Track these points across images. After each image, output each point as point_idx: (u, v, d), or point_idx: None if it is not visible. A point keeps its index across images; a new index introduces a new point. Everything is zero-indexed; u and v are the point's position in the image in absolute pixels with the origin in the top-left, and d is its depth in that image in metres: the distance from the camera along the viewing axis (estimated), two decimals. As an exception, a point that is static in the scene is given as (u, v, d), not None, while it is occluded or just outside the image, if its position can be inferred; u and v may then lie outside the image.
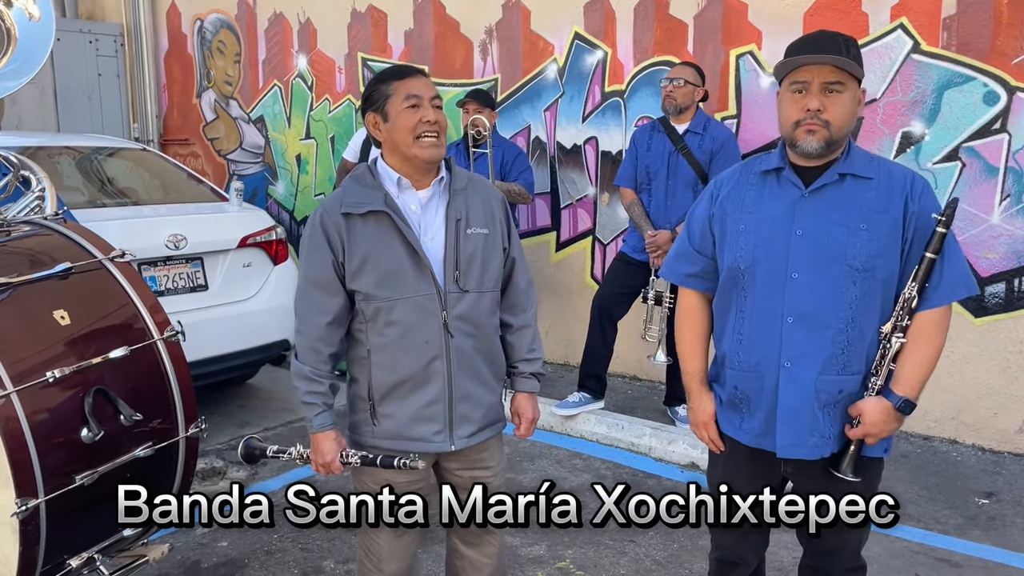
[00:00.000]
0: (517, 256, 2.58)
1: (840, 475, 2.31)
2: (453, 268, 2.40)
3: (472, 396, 2.48)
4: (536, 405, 2.68)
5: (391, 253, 2.36)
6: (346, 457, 2.41)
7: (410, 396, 2.43)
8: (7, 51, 2.81)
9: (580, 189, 6.23)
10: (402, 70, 2.44)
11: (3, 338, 2.21)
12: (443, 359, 2.41)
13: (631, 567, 3.60)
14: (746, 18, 5.34)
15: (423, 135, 2.35)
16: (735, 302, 2.38)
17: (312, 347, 2.42)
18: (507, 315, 2.60)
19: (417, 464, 2.33)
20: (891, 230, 2.24)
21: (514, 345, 2.62)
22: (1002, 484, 4.44)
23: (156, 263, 4.84)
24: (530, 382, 2.65)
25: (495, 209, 2.51)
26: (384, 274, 2.36)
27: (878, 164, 2.31)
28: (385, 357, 2.42)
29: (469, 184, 2.50)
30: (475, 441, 2.52)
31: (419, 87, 2.38)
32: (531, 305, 2.63)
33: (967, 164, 4.76)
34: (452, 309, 2.40)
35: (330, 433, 2.43)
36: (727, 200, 2.39)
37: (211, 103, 8.63)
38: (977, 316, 4.82)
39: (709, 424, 2.50)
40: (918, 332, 2.27)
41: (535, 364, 2.64)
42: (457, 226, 2.41)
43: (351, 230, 2.37)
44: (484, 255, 2.45)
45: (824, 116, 2.19)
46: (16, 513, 2.13)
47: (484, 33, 6.55)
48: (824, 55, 2.18)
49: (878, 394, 2.28)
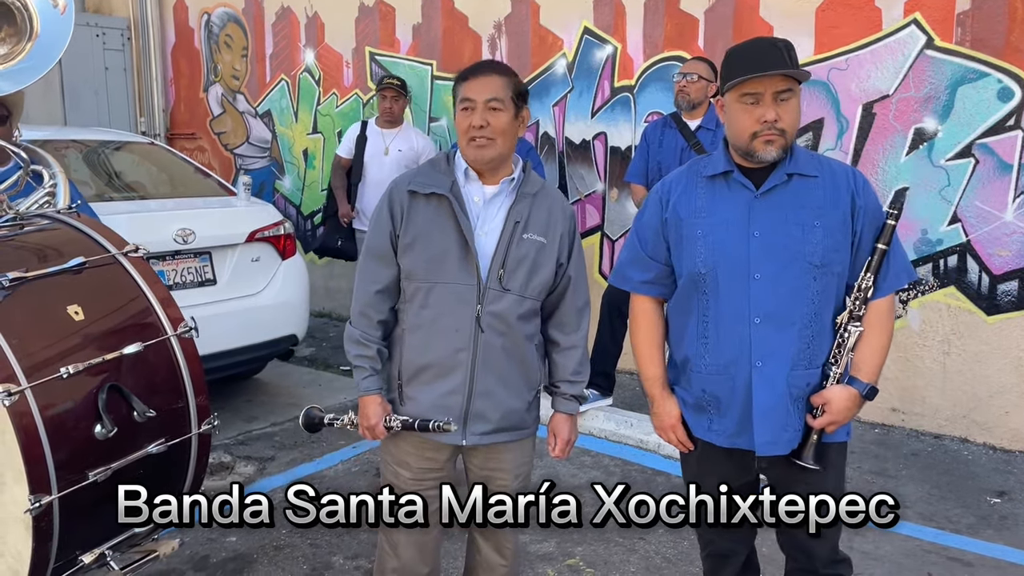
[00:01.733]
0: (575, 275, 2.56)
1: (802, 463, 2.35)
2: (499, 266, 2.42)
3: (492, 395, 2.48)
4: (574, 427, 2.65)
5: (442, 237, 2.42)
6: (389, 422, 2.49)
7: (434, 382, 2.47)
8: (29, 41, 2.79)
9: (589, 184, 6.21)
10: (466, 71, 2.45)
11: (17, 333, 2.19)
12: (469, 351, 2.43)
13: (641, 564, 3.58)
14: (757, 13, 5.31)
15: (472, 138, 2.39)
16: (696, 306, 2.40)
17: (362, 312, 2.52)
18: (556, 332, 2.59)
19: (450, 426, 2.40)
20: (842, 225, 2.32)
21: (559, 364, 2.61)
22: (1014, 483, 4.42)
23: (165, 257, 4.83)
24: (570, 404, 2.63)
25: (559, 222, 2.51)
26: (431, 255, 2.43)
27: (820, 162, 2.38)
28: (417, 338, 2.47)
29: (541, 191, 2.52)
30: (489, 441, 2.52)
31: (474, 90, 2.40)
32: (582, 326, 2.60)
33: (980, 161, 4.73)
34: (488, 305, 2.42)
35: (375, 397, 2.51)
36: (679, 205, 2.42)
37: (218, 97, 8.61)
38: (989, 314, 4.79)
39: (676, 427, 2.52)
40: (873, 320, 2.35)
41: (578, 387, 2.62)
42: (515, 227, 2.44)
43: (413, 207, 2.45)
44: (534, 262, 2.46)
45: (780, 125, 2.26)
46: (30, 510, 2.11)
47: (493, 27, 6.52)
48: (776, 70, 2.23)
49: (838, 382, 2.34)
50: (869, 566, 3.54)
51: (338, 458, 4.67)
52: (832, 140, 5.15)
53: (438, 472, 2.57)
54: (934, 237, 4.91)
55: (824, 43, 5.11)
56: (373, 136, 6.17)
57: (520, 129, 2.48)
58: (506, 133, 2.41)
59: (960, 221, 4.82)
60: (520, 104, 2.45)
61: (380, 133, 6.16)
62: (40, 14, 2.82)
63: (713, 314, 2.37)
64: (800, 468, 2.37)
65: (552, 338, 2.59)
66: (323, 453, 4.73)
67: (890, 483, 4.40)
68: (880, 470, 4.55)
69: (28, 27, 2.82)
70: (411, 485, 2.56)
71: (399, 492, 2.56)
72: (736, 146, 2.33)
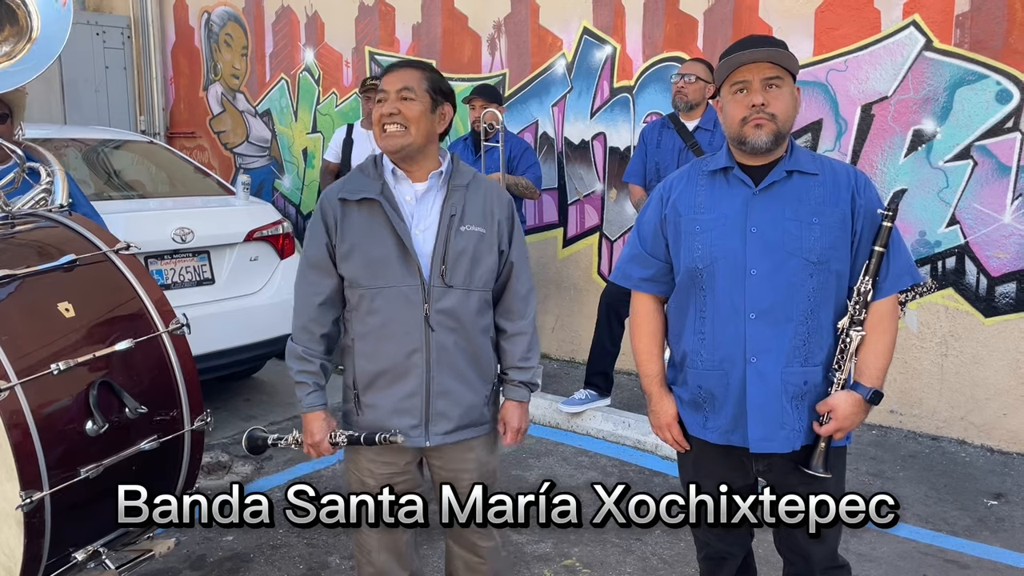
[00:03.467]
0: (517, 261, 2.55)
1: (812, 472, 2.35)
2: (440, 262, 2.40)
3: (451, 393, 2.46)
4: (525, 414, 2.61)
5: (379, 241, 2.40)
6: (334, 437, 2.47)
7: (390, 387, 2.45)
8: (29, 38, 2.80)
9: (588, 185, 6.21)
10: (385, 69, 2.48)
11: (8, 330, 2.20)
12: (423, 352, 2.42)
13: (637, 565, 3.58)
14: (756, 14, 5.31)
15: (383, 127, 2.40)
16: (694, 302, 2.41)
17: (304, 326, 2.48)
18: (502, 320, 2.57)
19: (397, 438, 2.38)
20: (841, 223, 2.31)
21: (507, 351, 2.59)
22: (1011, 485, 4.41)
23: (163, 256, 4.83)
24: (519, 391, 2.59)
25: (496, 210, 2.50)
26: (370, 261, 2.40)
27: (821, 161, 2.38)
28: (367, 346, 2.45)
29: (472, 182, 2.50)
30: (452, 440, 2.50)
31: (388, 82, 2.42)
32: (528, 312, 2.58)
33: (979, 163, 4.72)
34: (435, 303, 2.41)
35: (319, 413, 2.48)
36: (679, 202, 2.43)
37: (218, 96, 8.62)
38: (987, 316, 4.79)
39: (672, 425, 2.52)
40: (874, 322, 2.34)
41: (527, 373, 2.59)
42: (450, 221, 2.42)
43: (346, 215, 2.43)
44: (475, 253, 2.44)
45: (769, 110, 2.26)
46: (21, 506, 2.11)
47: (492, 27, 6.52)
48: (760, 51, 2.26)
49: (844, 388, 2.33)
50: (865, 568, 3.53)
51: (335, 458, 4.63)
52: (831, 141, 5.14)
53: (403, 476, 2.56)
54: (932, 239, 4.91)
55: (823, 44, 5.11)
56: (359, 139, 6.16)
57: (439, 124, 2.46)
58: (418, 123, 2.39)
59: (958, 223, 4.82)
60: (438, 99, 2.44)
61: (366, 135, 6.15)
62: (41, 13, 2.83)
63: (710, 310, 2.37)
64: (802, 473, 2.36)
65: (499, 326, 2.57)
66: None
67: (887, 484, 4.39)
68: (878, 471, 4.55)
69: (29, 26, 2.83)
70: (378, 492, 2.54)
71: (381, 482, 2.55)
72: (730, 137, 2.35)
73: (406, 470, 2.56)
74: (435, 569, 3.43)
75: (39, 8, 2.83)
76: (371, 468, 2.54)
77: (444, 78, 2.51)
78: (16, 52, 2.83)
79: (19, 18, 2.82)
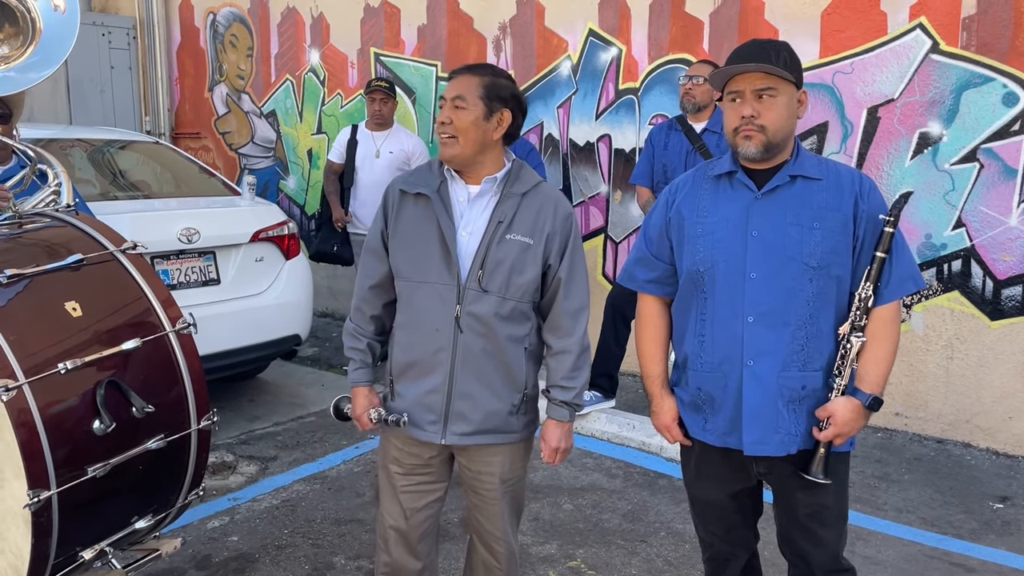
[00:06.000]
0: (566, 277, 2.49)
1: (811, 478, 2.35)
2: (479, 267, 2.41)
3: (473, 396, 2.46)
4: (565, 435, 2.57)
5: (425, 237, 2.44)
6: (370, 414, 2.54)
7: (418, 380, 2.50)
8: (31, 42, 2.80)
9: (593, 187, 6.21)
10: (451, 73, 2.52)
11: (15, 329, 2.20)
12: (449, 351, 2.44)
13: (643, 567, 3.57)
14: (763, 16, 5.30)
15: (439, 135, 2.43)
16: (695, 305, 2.42)
17: (357, 306, 2.61)
18: (548, 335, 2.56)
19: (399, 423, 2.47)
20: (843, 228, 2.31)
21: (551, 368, 2.57)
22: (1017, 488, 4.40)
23: (169, 257, 4.84)
24: (560, 410, 2.55)
25: (548, 222, 2.46)
26: (414, 255, 2.46)
27: (826, 165, 2.38)
28: (403, 336, 2.52)
29: (532, 191, 2.49)
30: (469, 442, 2.51)
31: (448, 89, 2.44)
32: (576, 331, 2.52)
33: (985, 166, 4.71)
34: (467, 305, 2.41)
35: (362, 389, 2.59)
36: (683, 205, 2.44)
37: (223, 97, 8.62)
38: (993, 319, 4.78)
39: (672, 426, 2.54)
40: (876, 329, 2.34)
41: (569, 393, 2.54)
42: (496, 228, 2.42)
43: (402, 206, 2.50)
44: (517, 263, 2.42)
45: (759, 121, 2.27)
46: (28, 505, 2.11)
47: (498, 29, 6.52)
48: (750, 64, 2.26)
49: (843, 394, 2.32)
50: (871, 571, 3.52)
51: (340, 458, 4.67)
52: (836, 144, 5.14)
53: (426, 469, 2.58)
54: (938, 241, 4.90)
55: (829, 46, 5.10)
56: (364, 139, 6.17)
57: (495, 131, 2.43)
58: (467, 132, 2.39)
59: (964, 226, 4.81)
60: (495, 105, 2.41)
61: (370, 136, 6.17)
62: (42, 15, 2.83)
63: (710, 312, 2.38)
64: (802, 478, 2.36)
65: (545, 341, 2.56)
66: (325, 453, 4.73)
67: (892, 488, 4.38)
68: (883, 475, 4.54)
69: (30, 28, 2.82)
70: (402, 481, 2.59)
71: (393, 489, 2.60)
72: (728, 144, 2.36)
73: (429, 463, 2.58)
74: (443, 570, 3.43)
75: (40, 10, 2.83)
76: (397, 456, 2.59)
77: (507, 82, 2.47)
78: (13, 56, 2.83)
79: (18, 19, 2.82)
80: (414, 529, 2.61)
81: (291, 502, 4.15)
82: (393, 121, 6.27)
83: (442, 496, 2.65)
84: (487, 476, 2.57)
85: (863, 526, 3.90)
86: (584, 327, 2.56)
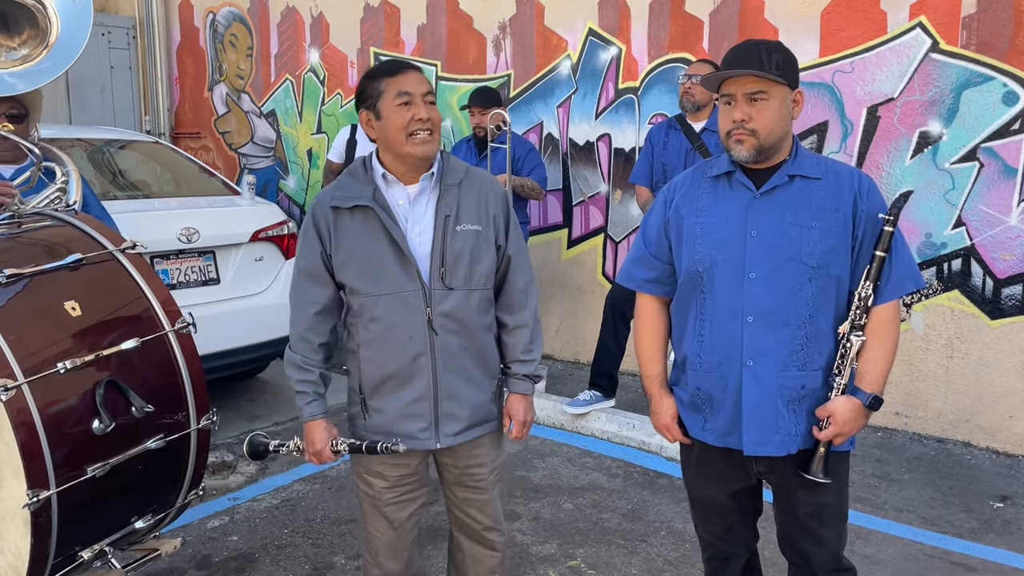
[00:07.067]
0: (514, 254, 2.52)
1: (811, 477, 2.35)
2: (439, 265, 2.38)
3: (458, 394, 2.46)
4: (530, 407, 2.61)
5: (375, 248, 2.37)
6: (336, 445, 2.46)
7: (397, 392, 2.44)
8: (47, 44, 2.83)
9: (592, 186, 6.20)
10: (393, 66, 2.41)
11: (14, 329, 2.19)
12: (428, 356, 2.41)
13: (643, 567, 3.57)
14: (762, 15, 5.30)
15: (415, 132, 2.35)
16: (695, 305, 2.42)
17: (302, 336, 2.47)
18: (503, 314, 2.56)
19: (398, 448, 2.37)
20: (842, 227, 2.30)
21: (509, 345, 2.57)
22: (1017, 487, 4.40)
23: (169, 256, 4.83)
24: (523, 384, 2.58)
25: (491, 205, 2.47)
26: (368, 269, 2.38)
27: (825, 164, 2.38)
28: (372, 352, 2.44)
29: (465, 178, 2.47)
30: (462, 440, 2.50)
31: (410, 83, 2.36)
32: (529, 304, 2.56)
33: (985, 165, 4.71)
34: (437, 306, 2.39)
35: (320, 422, 2.48)
36: (681, 205, 2.44)
37: (223, 97, 8.62)
38: (993, 318, 4.77)
39: (671, 426, 2.54)
40: (876, 328, 2.33)
41: (530, 365, 2.58)
42: (446, 222, 2.39)
43: (339, 223, 2.40)
44: (473, 252, 2.42)
45: (750, 125, 2.27)
46: (28, 505, 2.11)
47: (498, 28, 6.52)
48: (739, 70, 2.25)
49: (843, 393, 2.32)
50: (871, 571, 3.52)
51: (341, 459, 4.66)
52: (836, 143, 5.13)
53: (413, 477, 2.56)
54: (938, 240, 4.89)
55: (829, 46, 5.10)
56: (363, 139, 6.16)
57: None
58: (439, 127, 2.40)
59: (964, 225, 4.81)
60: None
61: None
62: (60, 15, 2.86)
63: (709, 313, 2.38)
64: (802, 477, 2.36)
65: (500, 320, 2.55)
66: (324, 453, 4.72)
67: (893, 487, 4.38)
68: (883, 474, 4.54)
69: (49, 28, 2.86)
70: (387, 494, 2.54)
71: (377, 504, 2.55)
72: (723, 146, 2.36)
73: (417, 471, 2.56)
74: (438, 569, 3.43)
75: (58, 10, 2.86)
76: (381, 470, 2.52)
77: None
78: (34, 55, 2.86)
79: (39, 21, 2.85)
80: (403, 539, 2.60)
81: (291, 502, 4.15)
82: None
83: (425, 501, 2.64)
84: (476, 468, 2.56)
85: (863, 525, 3.90)
86: (536, 300, 2.59)
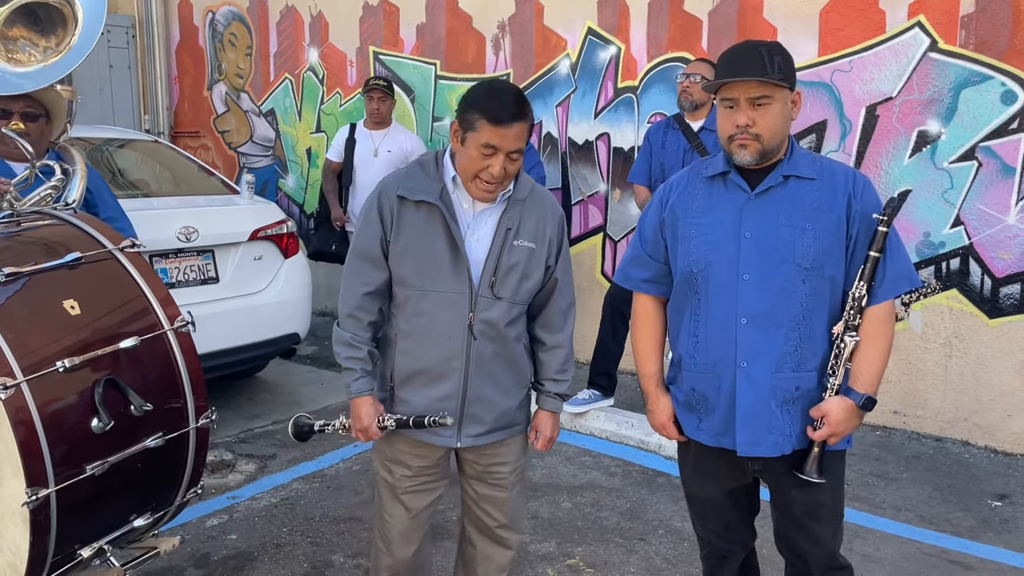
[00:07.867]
0: (561, 276, 2.57)
1: (805, 477, 2.35)
2: (491, 274, 2.42)
3: (486, 399, 2.49)
4: (557, 424, 2.68)
5: (433, 245, 2.40)
6: (382, 421, 2.48)
7: (427, 387, 2.48)
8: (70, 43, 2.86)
9: (591, 185, 6.21)
10: (498, 114, 2.28)
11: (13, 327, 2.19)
12: (462, 358, 2.44)
13: (641, 565, 3.58)
14: (761, 15, 5.31)
15: (486, 181, 2.35)
16: (689, 305, 2.42)
17: (351, 314, 2.51)
18: (542, 332, 2.60)
19: (446, 421, 2.40)
20: (836, 228, 2.30)
21: (545, 363, 2.62)
22: (1015, 486, 4.41)
23: (168, 255, 4.84)
24: (554, 402, 2.65)
25: (548, 226, 2.51)
26: (422, 263, 2.41)
27: (820, 164, 2.37)
28: (409, 344, 2.47)
29: (530, 196, 2.50)
30: (483, 441, 2.54)
31: (503, 140, 2.29)
32: (567, 327, 2.62)
33: (983, 164, 4.72)
34: (480, 312, 2.42)
35: (367, 398, 2.50)
36: (677, 205, 2.44)
37: (222, 96, 8.62)
38: (991, 317, 4.78)
39: (668, 425, 2.55)
40: (870, 328, 2.33)
41: (562, 385, 2.64)
42: (506, 235, 2.43)
43: (403, 213, 2.42)
44: (525, 269, 2.46)
45: (753, 130, 2.26)
46: (27, 503, 2.11)
47: (497, 27, 6.52)
48: (744, 76, 2.24)
49: (837, 394, 2.32)
50: (869, 569, 3.53)
51: (339, 456, 4.67)
52: (835, 142, 5.14)
53: (434, 469, 2.60)
54: (936, 240, 4.90)
55: (828, 45, 5.10)
56: (362, 138, 6.18)
57: None
58: (512, 177, 2.41)
59: (963, 224, 4.81)
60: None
61: (369, 135, 6.18)
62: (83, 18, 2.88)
63: (703, 313, 2.38)
64: (797, 476, 2.37)
65: (538, 337, 2.61)
66: (324, 451, 4.73)
67: (891, 486, 4.38)
68: (881, 472, 4.54)
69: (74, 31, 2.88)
70: (407, 483, 2.58)
71: (396, 491, 2.59)
72: (722, 148, 2.36)
73: (438, 464, 2.60)
74: (439, 569, 3.44)
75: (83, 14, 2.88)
76: (404, 459, 2.57)
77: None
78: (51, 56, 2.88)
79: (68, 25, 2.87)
80: (417, 529, 2.64)
81: (290, 500, 4.15)
82: (391, 120, 6.28)
83: (442, 493, 2.68)
84: (499, 467, 2.60)
85: (861, 524, 3.90)
86: (573, 323, 2.66)
